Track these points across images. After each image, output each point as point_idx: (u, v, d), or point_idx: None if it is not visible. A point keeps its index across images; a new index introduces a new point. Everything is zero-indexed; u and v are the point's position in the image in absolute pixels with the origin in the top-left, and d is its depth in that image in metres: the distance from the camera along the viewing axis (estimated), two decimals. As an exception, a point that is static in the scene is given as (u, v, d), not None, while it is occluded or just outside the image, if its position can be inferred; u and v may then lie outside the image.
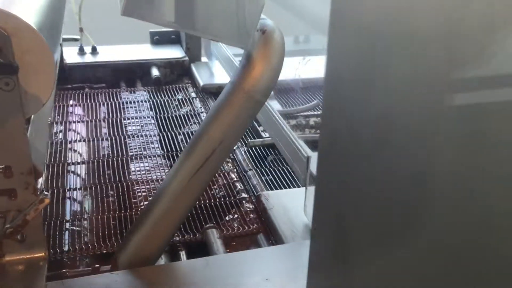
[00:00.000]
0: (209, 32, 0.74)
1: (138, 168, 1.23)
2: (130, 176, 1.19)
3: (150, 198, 1.03)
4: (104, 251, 0.95)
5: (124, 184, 1.16)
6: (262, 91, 0.78)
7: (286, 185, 1.16)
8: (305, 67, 1.57)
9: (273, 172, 1.20)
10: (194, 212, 1.06)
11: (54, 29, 0.82)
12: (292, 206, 1.02)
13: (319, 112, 1.51)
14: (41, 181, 1.14)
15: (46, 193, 0.75)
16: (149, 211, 0.84)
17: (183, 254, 0.95)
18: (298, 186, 1.15)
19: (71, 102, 1.54)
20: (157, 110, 1.53)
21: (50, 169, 1.19)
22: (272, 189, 1.13)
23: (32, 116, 0.87)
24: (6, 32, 0.66)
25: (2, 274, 0.80)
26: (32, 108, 0.74)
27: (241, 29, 0.76)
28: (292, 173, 1.19)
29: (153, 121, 1.46)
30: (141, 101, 1.58)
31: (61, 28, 0.98)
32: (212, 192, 1.14)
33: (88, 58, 1.73)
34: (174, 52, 1.81)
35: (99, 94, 1.61)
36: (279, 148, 1.09)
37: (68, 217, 1.05)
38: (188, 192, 0.81)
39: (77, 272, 0.89)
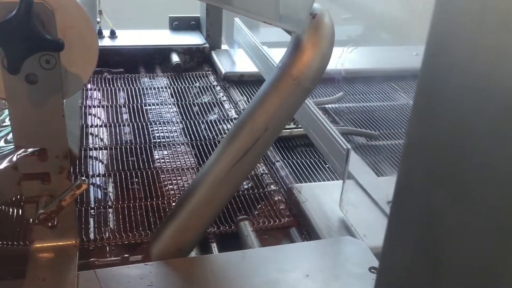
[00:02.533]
0: (261, 13, 0.71)
1: (162, 156, 1.19)
2: (155, 164, 1.16)
3: (186, 187, 0.99)
4: (132, 241, 0.92)
5: (149, 171, 1.13)
6: (311, 78, 0.74)
7: (316, 177, 1.13)
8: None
9: (302, 164, 1.17)
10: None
11: (92, 7, 0.79)
12: (326, 199, 0.99)
13: (341, 105, 1.47)
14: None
15: (83, 178, 0.72)
16: (186, 201, 0.80)
17: (214, 246, 0.92)
18: (328, 179, 1.12)
19: (89, 86, 1.50)
20: (178, 97, 1.49)
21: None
22: (300, 182, 1.10)
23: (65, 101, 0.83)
24: (51, 6, 0.63)
25: (32, 261, 0.77)
26: (72, 88, 0.70)
27: (292, 11, 0.72)
28: (322, 165, 1.16)
29: (174, 109, 1.42)
30: (161, 87, 1.54)
31: (96, 7, 0.94)
32: (242, 185, 1.10)
33: (107, 42, 1.69)
34: (194, 39, 1.77)
35: (118, 78, 1.57)
36: (313, 140, 1.05)
37: (92, 204, 1.01)
38: (228, 182, 0.78)
39: (106, 262, 0.86)
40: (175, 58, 1.66)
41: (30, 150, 0.72)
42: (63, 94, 0.70)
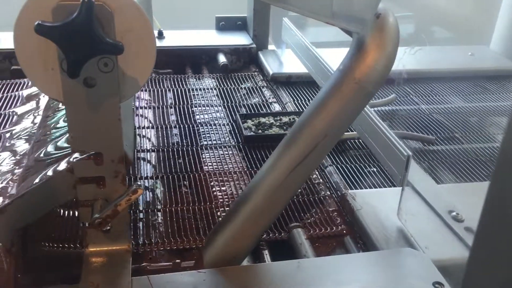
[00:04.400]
0: (322, 13, 0.67)
1: (211, 159, 1.17)
2: (203, 167, 1.14)
3: (240, 193, 0.97)
4: (181, 246, 0.90)
5: (196, 175, 1.11)
6: (374, 82, 0.70)
7: (369, 183, 1.08)
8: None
9: (354, 169, 1.13)
10: (273, 208, 1.00)
11: (149, 8, 0.77)
12: (382, 207, 0.95)
13: (392, 107, 1.42)
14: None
15: (139, 183, 0.71)
16: (240, 207, 0.78)
17: (266, 254, 0.89)
18: (381, 186, 1.08)
19: (137, 86, 1.50)
20: (225, 99, 1.47)
21: (122, 155, 1.15)
22: (354, 188, 1.06)
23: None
24: (110, 8, 0.61)
25: (85, 266, 0.76)
26: (129, 92, 0.69)
27: (356, 11, 0.69)
28: (374, 170, 1.11)
29: (222, 110, 1.40)
30: (208, 88, 1.53)
31: (152, 8, 0.93)
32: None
33: (154, 42, 1.68)
34: (241, 39, 1.75)
35: (166, 79, 1.57)
36: (368, 144, 1.01)
37: (141, 207, 1.00)
38: (284, 189, 0.75)
39: (157, 267, 0.85)
40: (222, 58, 1.64)
41: (86, 154, 0.71)
42: (120, 97, 0.68)
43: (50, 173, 0.74)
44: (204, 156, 1.18)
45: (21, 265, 0.78)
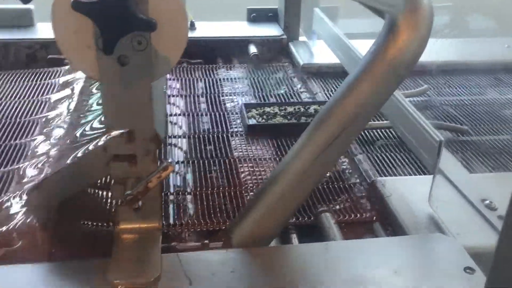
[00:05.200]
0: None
1: (240, 145, 1.18)
2: (233, 153, 1.15)
3: (265, 176, 0.98)
4: (211, 228, 0.92)
5: (227, 160, 1.12)
6: (406, 64, 0.70)
7: (399, 172, 1.07)
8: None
9: (384, 157, 1.12)
10: (301, 194, 1.00)
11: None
12: (413, 195, 0.94)
13: (425, 98, 1.40)
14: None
15: (170, 160, 0.72)
16: (268, 189, 0.78)
17: (294, 237, 0.89)
18: (412, 175, 1.07)
19: (169, 76, 1.53)
20: (255, 88, 1.48)
21: (153, 141, 1.17)
22: (384, 176, 1.05)
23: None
24: (145, -14, 0.62)
25: (117, 242, 0.78)
26: (160, 70, 0.70)
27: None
28: (405, 159, 1.10)
29: (252, 99, 1.41)
30: (239, 78, 1.54)
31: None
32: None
33: (186, 33, 1.70)
34: (272, 30, 1.75)
35: (197, 69, 1.59)
36: (399, 132, 1.00)
37: (171, 190, 1.02)
38: (313, 172, 0.75)
39: (186, 247, 0.86)
40: (253, 49, 1.65)
41: (119, 131, 0.73)
42: (152, 76, 0.70)
43: (84, 151, 0.76)
44: (234, 143, 1.19)
45: (55, 241, 0.81)
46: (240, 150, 1.16)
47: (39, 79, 1.45)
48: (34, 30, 1.64)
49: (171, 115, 1.30)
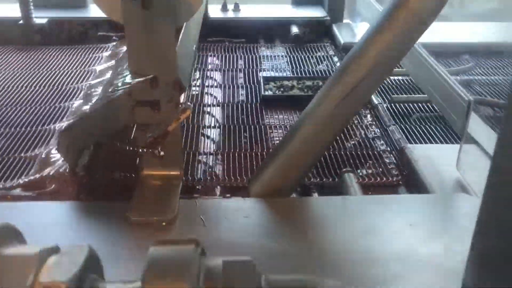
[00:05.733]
0: None
1: (273, 115, 1.19)
2: (264, 121, 1.16)
3: (291, 126, 0.98)
4: (234, 185, 0.93)
5: (257, 127, 1.13)
6: (430, 10, 0.68)
7: (432, 142, 1.04)
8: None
9: (419, 129, 1.09)
10: (329, 160, 0.99)
11: None
12: (442, 160, 0.91)
13: (469, 77, 1.35)
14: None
15: (189, 103, 0.74)
16: (289, 138, 0.79)
17: (315, 195, 0.89)
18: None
19: (210, 53, 1.56)
20: (294, 65, 1.48)
21: (188, 108, 1.20)
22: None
23: (181, 36, 0.86)
24: None
25: (140, 186, 0.81)
26: (183, 16, 0.72)
27: None
28: (441, 131, 1.07)
29: (289, 74, 1.41)
30: (279, 56, 1.55)
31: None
32: (349, 144, 1.06)
33: (230, 14, 1.74)
34: (315, 12, 1.75)
35: (238, 48, 1.61)
36: (429, 95, 0.98)
37: (201, 150, 1.04)
38: (333, 119, 0.75)
39: (208, 198, 0.88)
40: (294, 29, 1.65)
41: (143, 77, 0.76)
42: (175, 21, 0.72)
43: (111, 97, 0.79)
44: (266, 113, 1.20)
45: (84, 186, 0.85)
46: (273, 119, 1.17)
47: (88, 53, 1.52)
48: (87, 10, 1.73)
49: (207, 86, 1.33)
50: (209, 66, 1.47)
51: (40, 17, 1.61)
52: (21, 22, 1.59)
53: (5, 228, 0.42)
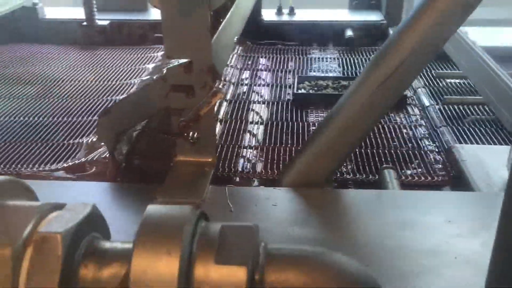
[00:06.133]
0: None
1: (317, 113, 1.17)
2: (307, 118, 1.14)
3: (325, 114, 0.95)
4: (271, 177, 0.91)
5: (301, 124, 1.12)
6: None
7: (484, 143, 0.98)
8: None
9: (472, 131, 1.02)
10: (371, 157, 0.96)
11: None
12: (491, 161, 0.85)
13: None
14: (223, 110, 1.16)
15: (220, 87, 0.74)
16: (323, 128, 0.76)
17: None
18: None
19: (262, 54, 1.56)
20: (344, 67, 1.46)
21: (233, 105, 1.21)
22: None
23: (221, 25, 0.87)
24: None
25: (173, 171, 0.81)
26: (216, 1, 0.72)
27: None
28: (494, 134, 1.00)
29: (339, 75, 1.38)
30: (330, 58, 1.52)
31: None
32: (395, 143, 1.02)
33: (284, 18, 1.74)
34: (372, 16, 1.72)
35: (290, 50, 1.60)
36: (482, 93, 0.92)
37: (244, 144, 1.04)
38: (369, 108, 0.72)
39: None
40: (348, 32, 1.62)
41: (177, 62, 0.76)
42: (210, 5, 0.72)
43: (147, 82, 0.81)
44: (310, 112, 1.18)
45: (122, 171, 0.86)
46: (317, 117, 1.15)
47: (144, 53, 1.57)
48: (147, 13, 1.79)
49: (255, 85, 1.33)
50: (260, 67, 1.47)
51: (102, 19, 1.69)
52: (84, 23, 1.67)
53: (13, 182, 0.43)
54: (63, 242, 0.38)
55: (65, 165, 0.94)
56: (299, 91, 1.25)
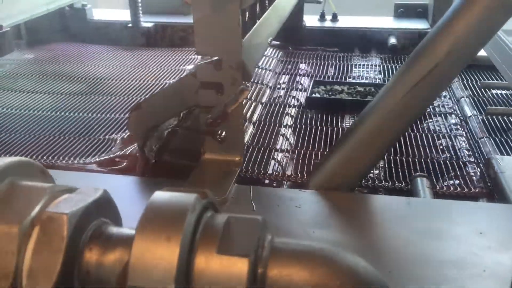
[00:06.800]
0: None
1: (353, 118, 1.14)
2: (343, 124, 1.12)
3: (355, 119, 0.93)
4: (299, 182, 0.90)
5: (335, 129, 1.09)
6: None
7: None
8: None
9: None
10: (405, 165, 0.92)
11: None
12: (533, 173, 0.80)
13: None
14: (258, 112, 1.15)
15: (247, 84, 0.73)
16: (352, 130, 0.74)
17: (382, 198, 0.82)
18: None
19: (302, 60, 1.55)
20: (386, 74, 1.42)
21: (268, 108, 1.20)
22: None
23: (256, 25, 0.87)
24: None
25: (200, 169, 0.81)
26: (247, -1, 0.72)
27: None
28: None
29: (380, 82, 1.35)
30: (370, 65, 1.49)
31: None
32: (433, 153, 0.98)
33: (327, 24, 1.72)
34: (418, 24, 1.67)
35: (331, 56, 1.58)
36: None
37: (277, 147, 1.02)
38: (399, 111, 0.69)
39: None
40: (392, 40, 1.59)
41: (208, 59, 0.76)
42: (241, 3, 0.72)
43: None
44: (344, 115, 1.16)
45: (151, 166, 0.87)
46: (349, 121, 1.13)
47: (185, 55, 1.59)
48: (190, 17, 1.81)
49: (292, 89, 1.32)
50: (299, 71, 1.46)
51: (147, 22, 1.73)
52: (130, 25, 1.71)
53: (27, 164, 0.44)
54: (68, 223, 0.38)
55: (97, 159, 0.96)
56: (313, 95, 1.24)
